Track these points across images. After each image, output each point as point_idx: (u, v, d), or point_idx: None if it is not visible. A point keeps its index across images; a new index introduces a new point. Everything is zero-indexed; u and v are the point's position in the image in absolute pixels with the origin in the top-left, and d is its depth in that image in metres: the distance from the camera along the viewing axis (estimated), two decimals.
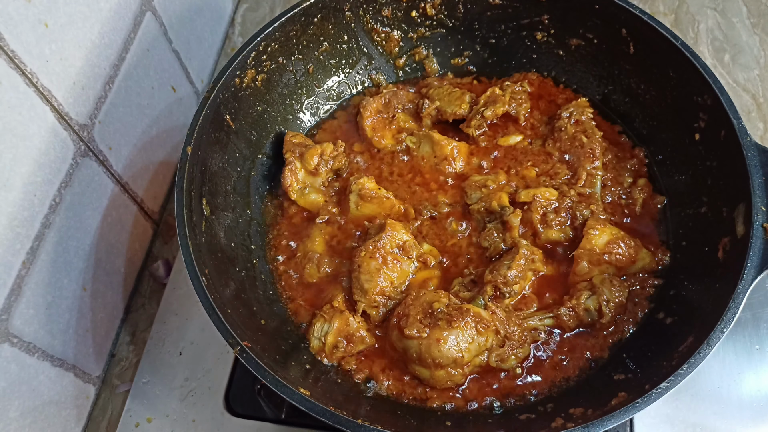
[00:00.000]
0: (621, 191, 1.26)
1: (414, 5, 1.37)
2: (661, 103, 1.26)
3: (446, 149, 1.29)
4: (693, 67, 1.13)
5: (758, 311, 1.25)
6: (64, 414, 1.17)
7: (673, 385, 0.90)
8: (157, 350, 1.27)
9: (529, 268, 1.15)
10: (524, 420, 1.04)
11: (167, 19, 1.37)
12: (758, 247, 0.97)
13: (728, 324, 0.92)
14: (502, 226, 1.18)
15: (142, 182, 1.36)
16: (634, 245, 1.15)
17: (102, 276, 1.25)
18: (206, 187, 1.14)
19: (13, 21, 0.92)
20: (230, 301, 1.05)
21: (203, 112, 1.13)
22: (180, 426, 1.20)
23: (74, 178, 1.12)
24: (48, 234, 1.06)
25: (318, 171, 1.28)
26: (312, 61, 1.36)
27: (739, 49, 1.62)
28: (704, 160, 1.15)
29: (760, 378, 1.19)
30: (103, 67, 1.16)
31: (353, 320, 1.12)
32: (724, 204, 1.08)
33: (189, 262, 1.00)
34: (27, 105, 0.97)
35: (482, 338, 1.05)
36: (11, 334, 0.99)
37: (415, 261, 1.16)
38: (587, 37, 1.32)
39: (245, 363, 0.93)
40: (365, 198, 1.23)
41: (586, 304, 1.12)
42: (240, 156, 1.26)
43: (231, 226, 1.20)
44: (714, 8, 1.69)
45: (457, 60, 1.45)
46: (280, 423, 1.19)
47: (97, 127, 1.17)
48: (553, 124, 1.33)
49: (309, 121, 1.41)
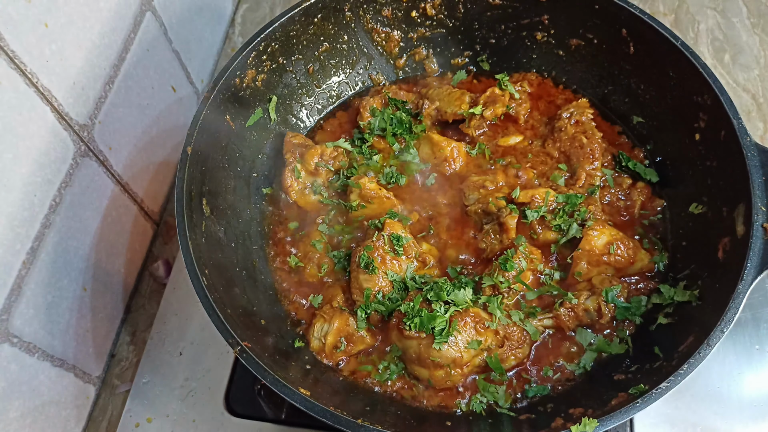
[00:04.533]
0: (620, 192, 1.26)
1: (414, 5, 1.37)
2: (661, 103, 1.26)
3: (446, 150, 1.29)
4: (693, 67, 1.13)
5: (758, 311, 1.25)
6: (64, 414, 1.17)
7: (673, 385, 0.90)
8: (157, 350, 1.27)
9: (528, 268, 1.15)
10: (524, 420, 1.04)
11: (167, 19, 1.37)
12: (758, 247, 0.97)
13: (728, 324, 0.93)
14: (500, 227, 1.18)
15: (142, 182, 1.36)
16: (633, 246, 1.15)
17: (102, 276, 1.25)
18: (206, 187, 1.14)
19: (13, 21, 0.92)
20: (230, 301, 1.05)
21: (203, 112, 1.13)
22: (180, 426, 1.20)
23: (74, 178, 1.12)
24: (48, 234, 1.06)
25: (318, 171, 1.28)
26: (312, 61, 1.36)
27: (739, 49, 1.62)
28: (704, 160, 1.15)
29: (760, 378, 1.19)
30: (103, 67, 1.16)
31: (353, 320, 1.13)
32: (724, 204, 1.08)
33: (189, 262, 1.00)
34: (27, 105, 0.97)
35: (481, 338, 1.05)
36: (11, 334, 0.99)
37: (414, 260, 1.16)
38: (587, 37, 1.32)
39: (245, 363, 0.93)
40: (365, 198, 1.23)
41: (585, 304, 1.12)
42: (240, 156, 1.26)
43: (231, 226, 1.20)
44: (714, 8, 1.69)
45: (457, 60, 1.45)
46: (280, 423, 1.19)
47: (97, 127, 1.17)
48: (553, 125, 1.33)
49: (309, 122, 1.41)
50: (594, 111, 1.33)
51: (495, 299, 1.10)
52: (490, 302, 1.10)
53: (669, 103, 1.23)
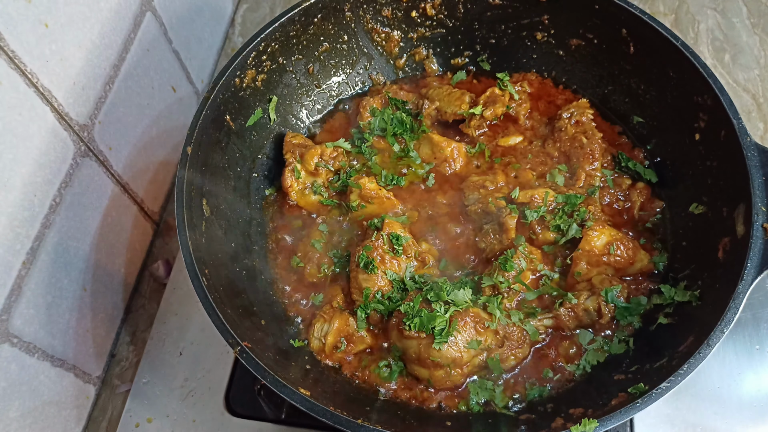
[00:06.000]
0: (620, 193, 1.26)
1: (414, 5, 1.37)
2: (661, 103, 1.26)
3: (446, 150, 1.30)
4: (693, 67, 1.13)
5: (758, 311, 1.25)
6: (64, 414, 1.17)
7: (673, 385, 0.90)
8: (157, 350, 1.27)
9: (528, 269, 1.15)
10: (524, 420, 1.04)
11: (167, 19, 1.37)
12: (758, 247, 0.97)
13: (728, 324, 0.93)
14: (499, 227, 1.18)
15: (142, 182, 1.36)
16: (633, 246, 1.15)
17: (102, 276, 1.25)
18: (206, 187, 1.14)
19: (14, 21, 0.92)
20: (230, 301, 1.05)
21: (203, 112, 1.13)
22: (180, 426, 1.20)
23: (74, 179, 1.12)
24: (48, 234, 1.06)
25: (318, 171, 1.28)
26: (312, 61, 1.36)
27: (739, 49, 1.62)
28: (704, 160, 1.15)
29: (760, 378, 1.19)
30: (103, 67, 1.16)
31: (353, 320, 1.13)
32: (724, 204, 1.08)
33: (189, 262, 1.00)
34: (27, 105, 0.97)
35: (481, 338, 1.05)
36: (11, 334, 0.99)
37: (413, 260, 1.16)
38: (587, 37, 1.32)
39: (245, 363, 0.93)
40: (365, 198, 1.23)
41: (585, 304, 1.12)
42: (240, 156, 1.26)
43: (231, 226, 1.20)
44: (714, 8, 1.69)
45: (457, 60, 1.45)
46: (280, 423, 1.19)
47: (97, 128, 1.17)
48: (553, 125, 1.33)
49: (309, 122, 1.41)
50: (594, 111, 1.33)
51: (495, 299, 1.10)
52: (490, 302, 1.10)
53: (669, 103, 1.23)
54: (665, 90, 1.23)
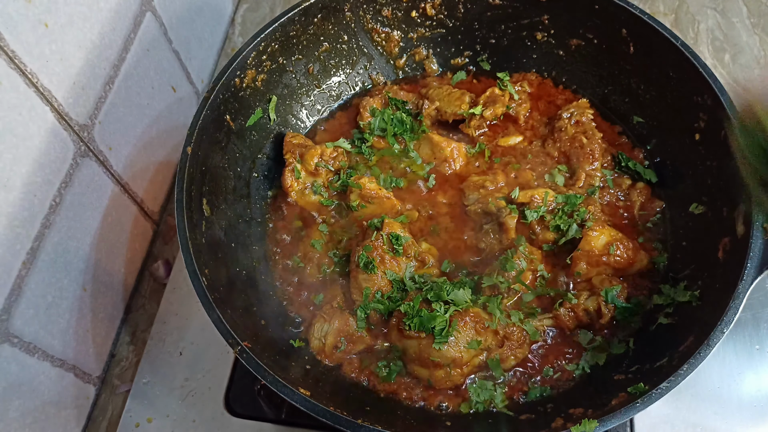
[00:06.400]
0: (619, 193, 1.26)
1: (414, 5, 1.37)
2: (661, 103, 1.26)
3: (446, 150, 1.30)
4: (693, 67, 1.13)
5: (758, 311, 1.25)
6: (64, 414, 1.17)
7: (673, 385, 0.90)
8: (157, 350, 1.27)
9: (528, 269, 1.15)
10: (524, 420, 1.04)
11: (167, 19, 1.37)
12: (758, 247, 0.97)
13: (728, 324, 0.93)
14: (499, 227, 1.18)
15: (142, 182, 1.36)
16: (633, 246, 1.15)
17: (102, 276, 1.25)
18: (206, 187, 1.14)
19: (13, 21, 0.92)
20: (230, 301, 1.05)
21: (203, 113, 1.13)
22: (180, 426, 1.20)
23: (74, 179, 1.12)
24: (48, 234, 1.06)
25: (318, 172, 1.28)
26: (312, 61, 1.36)
27: (739, 49, 1.62)
28: (704, 160, 1.15)
29: (760, 378, 1.19)
30: (103, 67, 1.16)
31: (353, 320, 1.13)
32: (724, 204, 1.08)
33: (189, 262, 1.00)
34: (27, 105, 0.97)
35: (481, 338, 1.05)
36: (11, 334, 0.99)
37: (413, 260, 1.16)
38: (587, 37, 1.32)
39: (245, 363, 0.93)
40: (365, 198, 1.23)
41: (585, 304, 1.12)
42: (240, 156, 1.26)
43: (231, 226, 1.20)
44: (714, 8, 1.69)
45: (457, 60, 1.45)
46: (280, 423, 1.19)
47: (97, 128, 1.17)
48: (553, 125, 1.33)
49: (309, 122, 1.41)
50: (594, 111, 1.33)
51: (495, 299, 1.10)
52: (490, 302, 1.10)
53: (669, 103, 1.24)
54: (665, 90, 1.23)
